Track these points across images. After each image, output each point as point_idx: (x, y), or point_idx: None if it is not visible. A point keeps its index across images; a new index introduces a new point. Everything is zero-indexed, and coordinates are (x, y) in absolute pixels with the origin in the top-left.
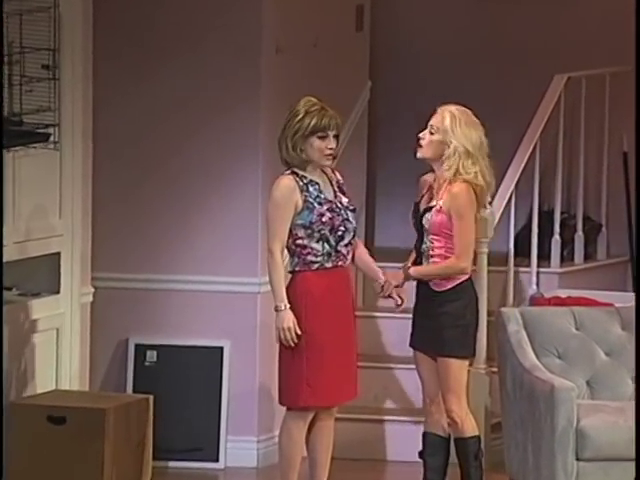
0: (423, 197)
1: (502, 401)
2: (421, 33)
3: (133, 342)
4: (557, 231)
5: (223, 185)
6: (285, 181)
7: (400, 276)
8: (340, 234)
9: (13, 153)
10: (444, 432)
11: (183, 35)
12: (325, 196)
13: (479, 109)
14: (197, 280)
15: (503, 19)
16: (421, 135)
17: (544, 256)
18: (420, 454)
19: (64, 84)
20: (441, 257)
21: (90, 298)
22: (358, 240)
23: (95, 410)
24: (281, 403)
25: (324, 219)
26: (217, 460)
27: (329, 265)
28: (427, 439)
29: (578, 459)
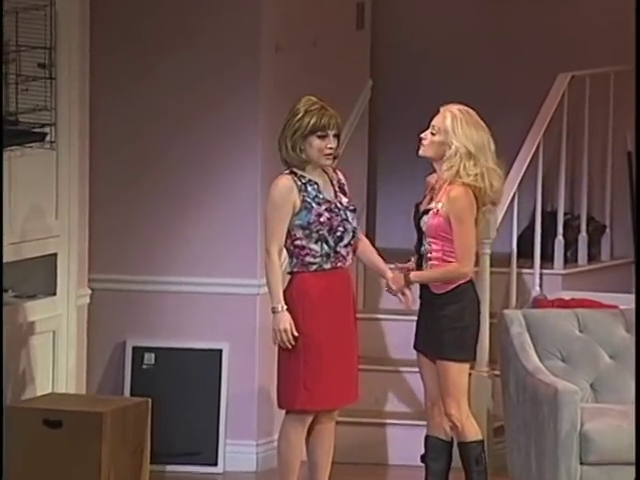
0: (425, 198)
1: (505, 404)
2: (422, 31)
3: (131, 344)
4: (560, 232)
5: (222, 185)
6: (283, 181)
7: (401, 281)
8: (339, 235)
9: (9, 153)
10: (446, 436)
11: (181, 32)
12: (324, 196)
13: (481, 108)
14: (196, 282)
15: (505, 17)
16: (423, 135)
17: (547, 257)
18: (422, 458)
19: (60, 83)
20: (439, 260)
21: (87, 300)
22: (362, 236)
23: (92, 414)
24: (279, 406)
25: (322, 219)
26: (216, 464)
27: (328, 266)
28: (429, 443)
29: (582, 463)
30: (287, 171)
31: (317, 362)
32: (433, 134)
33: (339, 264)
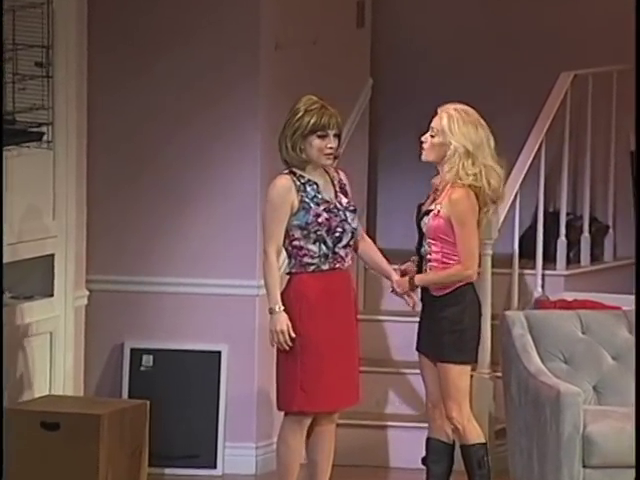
0: (427, 199)
1: (506, 406)
2: (423, 30)
3: (129, 346)
4: (563, 232)
5: (221, 185)
6: (281, 181)
7: (405, 284)
8: (337, 235)
9: (6, 153)
10: (448, 438)
11: (179, 29)
12: (323, 196)
13: (482, 107)
14: (194, 283)
15: (506, 15)
16: (423, 138)
17: (550, 258)
18: (423, 460)
19: (58, 82)
20: (438, 262)
21: (85, 301)
22: (365, 236)
23: (90, 416)
24: (278, 407)
25: (320, 220)
26: (215, 467)
27: (326, 267)
28: (430, 445)
29: (584, 466)
30: (286, 171)
31: (315, 363)
32: (432, 136)
33: (337, 265)
